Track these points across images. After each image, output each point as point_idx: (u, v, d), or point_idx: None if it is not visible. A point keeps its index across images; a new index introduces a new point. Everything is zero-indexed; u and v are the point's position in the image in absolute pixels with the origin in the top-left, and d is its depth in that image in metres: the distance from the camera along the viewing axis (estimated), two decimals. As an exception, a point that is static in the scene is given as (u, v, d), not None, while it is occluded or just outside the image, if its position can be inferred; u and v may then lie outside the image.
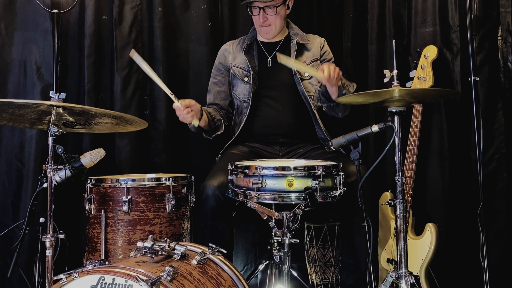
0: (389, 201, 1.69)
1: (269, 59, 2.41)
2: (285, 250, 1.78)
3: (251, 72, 2.35)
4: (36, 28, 2.50)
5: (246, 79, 2.37)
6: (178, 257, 1.44)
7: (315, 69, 2.17)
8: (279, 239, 1.80)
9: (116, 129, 1.98)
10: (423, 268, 2.15)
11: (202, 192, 2.00)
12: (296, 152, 2.31)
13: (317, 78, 2.21)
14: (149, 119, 2.60)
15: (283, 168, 1.71)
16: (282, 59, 2.05)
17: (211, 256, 1.56)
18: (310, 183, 1.70)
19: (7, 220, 2.44)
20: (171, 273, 1.28)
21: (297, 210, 1.77)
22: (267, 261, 2.10)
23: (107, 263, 1.46)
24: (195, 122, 2.12)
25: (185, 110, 2.07)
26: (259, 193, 1.71)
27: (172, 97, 2.03)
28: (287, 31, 2.48)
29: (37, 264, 1.98)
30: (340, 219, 2.31)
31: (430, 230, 2.16)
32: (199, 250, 1.56)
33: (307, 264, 2.49)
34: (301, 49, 2.41)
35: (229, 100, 2.47)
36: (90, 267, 1.37)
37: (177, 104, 2.05)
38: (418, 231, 2.23)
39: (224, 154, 2.35)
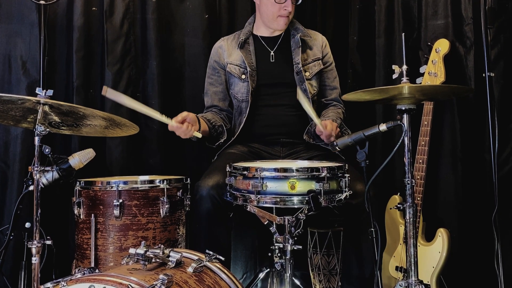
0: (398, 205, 1.69)
1: (272, 53, 2.42)
2: (287, 257, 1.77)
3: (248, 69, 2.35)
4: (21, 21, 2.49)
5: (243, 76, 2.36)
6: (173, 265, 1.44)
7: (317, 118, 2.07)
8: (281, 245, 1.79)
9: (105, 133, 1.97)
10: (434, 276, 2.15)
11: (196, 193, 2.00)
12: (298, 154, 2.31)
13: (316, 124, 2.11)
14: (141, 118, 2.59)
15: (285, 170, 1.71)
16: (300, 95, 2.01)
17: (208, 264, 1.56)
18: (313, 185, 1.70)
19: (-10, 226, 2.44)
20: (166, 281, 1.28)
21: (299, 214, 1.77)
22: (268, 269, 2.10)
23: (97, 271, 1.46)
24: (197, 134, 2.12)
25: (185, 125, 2.06)
26: (259, 196, 1.70)
27: (164, 119, 2.02)
28: None
29: (23, 272, 1.99)
30: (346, 224, 2.31)
31: (441, 236, 2.16)
32: (195, 257, 1.56)
33: (310, 272, 2.49)
34: (304, 45, 2.42)
35: (229, 100, 2.47)
36: (79, 275, 1.37)
37: (172, 124, 2.05)
38: (429, 237, 2.23)
39: (221, 154, 2.35)
